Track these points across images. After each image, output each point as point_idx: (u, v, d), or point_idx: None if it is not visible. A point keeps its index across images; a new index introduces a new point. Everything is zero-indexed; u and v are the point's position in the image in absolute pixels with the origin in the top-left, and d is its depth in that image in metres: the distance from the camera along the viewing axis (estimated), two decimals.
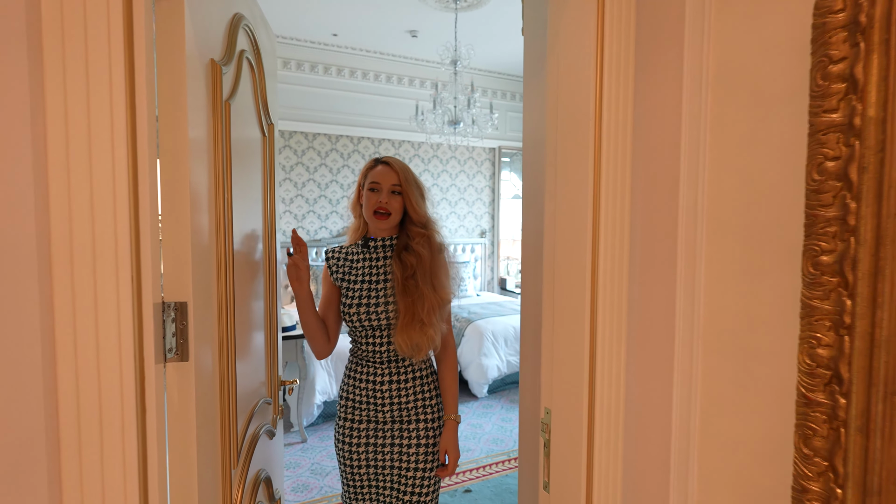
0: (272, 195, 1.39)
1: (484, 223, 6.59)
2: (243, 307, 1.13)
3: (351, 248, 1.62)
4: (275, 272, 1.42)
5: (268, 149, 1.38)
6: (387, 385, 1.48)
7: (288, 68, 5.30)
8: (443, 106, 4.17)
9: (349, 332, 1.56)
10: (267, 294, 1.37)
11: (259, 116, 1.29)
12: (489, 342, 4.33)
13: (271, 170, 1.40)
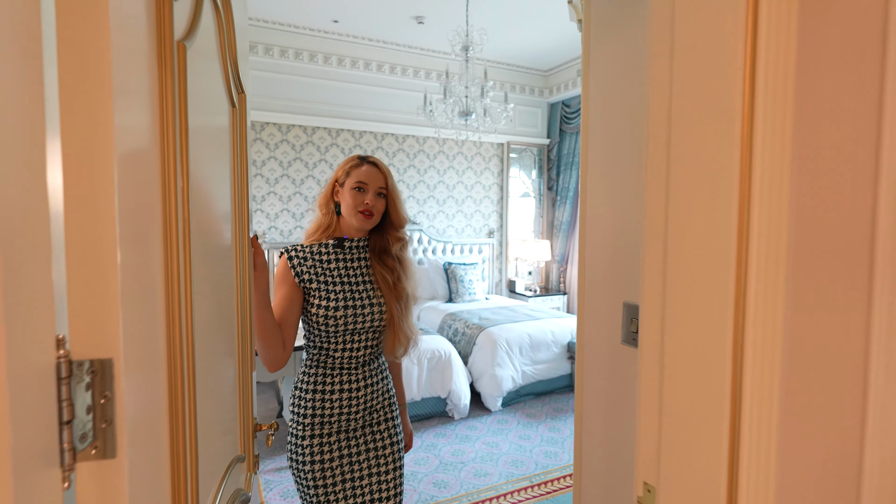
0: (244, 191, 1.07)
1: (492, 222, 6.27)
2: (206, 345, 0.79)
3: (317, 247, 1.48)
4: (248, 287, 1.10)
5: (238, 127, 1.05)
6: (362, 390, 1.44)
7: (285, 57, 4.97)
8: (454, 95, 3.84)
9: (315, 338, 1.44)
10: (239, 317, 1.05)
11: (227, 79, 0.97)
12: (503, 351, 4.01)
13: (242, 156, 1.08)
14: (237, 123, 1.05)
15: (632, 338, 0.99)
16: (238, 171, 1.06)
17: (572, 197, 6.18)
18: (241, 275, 1.07)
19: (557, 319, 4.53)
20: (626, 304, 0.99)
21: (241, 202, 1.07)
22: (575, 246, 6.29)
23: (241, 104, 1.08)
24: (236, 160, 1.04)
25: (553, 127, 6.40)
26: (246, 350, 1.11)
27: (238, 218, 1.06)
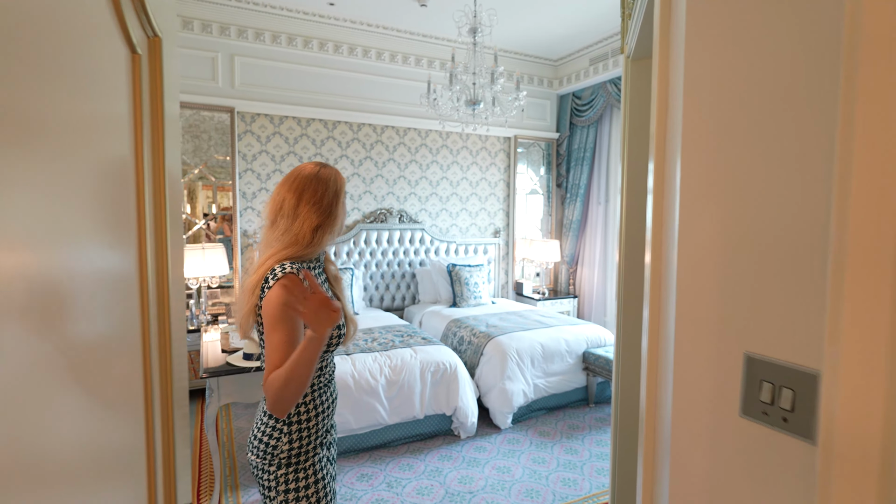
0: (159, 178, 0.72)
1: (498, 221, 5.92)
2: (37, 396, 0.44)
3: (309, 264, 1.40)
4: (165, 311, 0.76)
5: (145, 84, 0.70)
6: (336, 402, 1.49)
7: (277, 43, 4.61)
8: (460, 81, 3.48)
9: (325, 354, 1.39)
10: (148, 353, 0.71)
11: (119, 9, 0.61)
12: (513, 363, 3.67)
13: (157, 131, 0.72)
14: (141, 78, 0.69)
15: (761, 410, 0.65)
16: (147, 151, 0.70)
17: (583, 194, 5.83)
18: (153, 294, 0.72)
19: (571, 327, 4.18)
20: (752, 357, 0.64)
21: (157, 194, 0.72)
22: (587, 246, 5.94)
23: (153, 52, 0.73)
24: (140, 135, 0.69)
25: (563, 120, 6.04)
26: (166, 405, 0.77)
27: (152, 214, 0.71)
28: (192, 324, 4.13)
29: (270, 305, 1.21)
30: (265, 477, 1.34)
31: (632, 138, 1.72)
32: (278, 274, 1.24)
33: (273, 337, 1.20)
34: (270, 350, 1.21)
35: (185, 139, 4.43)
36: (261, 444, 1.32)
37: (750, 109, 0.66)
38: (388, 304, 5.23)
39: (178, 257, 0.93)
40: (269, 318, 1.21)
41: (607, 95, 5.33)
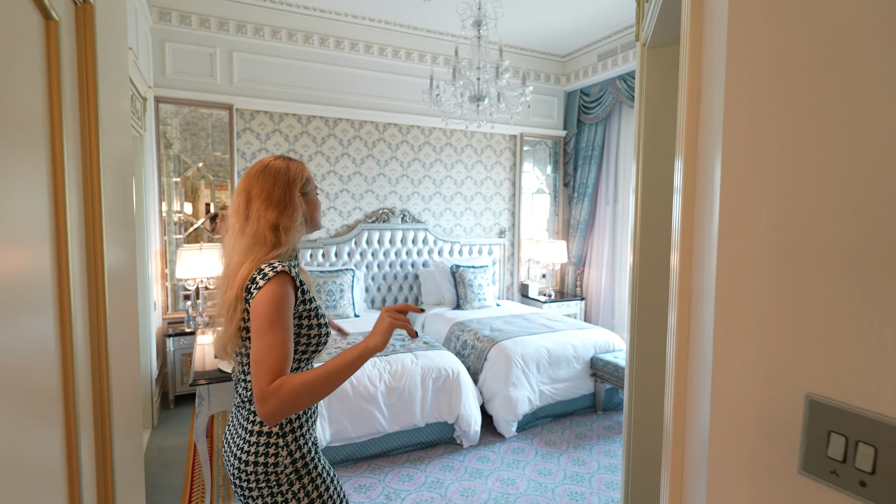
0: (93, 173, 0.60)
1: (503, 221, 5.78)
2: None
3: (291, 262, 1.28)
4: (101, 314, 0.64)
5: (63, 56, 0.58)
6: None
7: (278, 39, 4.50)
8: (463, 76, 3.35)
9: (306, 360, 1.28)
10: (67, 358, 0.59)
11: None
12: (518, 368, 3.53)
13: (90, 111, 0.60)
14: (61, 53, 0.57)
15: (830, 469, 0.51)
16: (72, 140, 0.58)
17: (591, 193, 5.68)
18: (78, 296, 0.60)
19: (578, 331, 4.04)
20: (817, 402, 0.51)
21: (88, 190, 0.60)
22: (594, 247, 5.79)
23: (82, 20, 0.60)
24: (57, 122, 0.56)
25: (570, 117, 5.89)
26: (102, 420, 0.65)
27: (79, 210, 0.59)
28: (190, 326, 4.03)
29: (263, 305, 1.10)
30: (279, 500, 1.20)
31: (647, 133, 1.59)
32: (269, 273, 1.14)
33: (267, 339, 1.08)
34: (266, 353, 1.07)
35: (183, 137, 4.33)
36: (258, 467, 1.19)
37: (818, 95, 0.53)
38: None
39: (121, 256, 0.80)
40: (263, 319, 1.10)
41: (616, 92, 5.18)
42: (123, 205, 0.79)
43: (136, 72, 3.04)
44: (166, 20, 4.12)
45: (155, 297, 3.98)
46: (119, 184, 0.73)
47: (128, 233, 0.79)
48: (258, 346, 1.08)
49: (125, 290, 0.76)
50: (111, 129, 0.69)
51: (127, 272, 0.81)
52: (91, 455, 0.66)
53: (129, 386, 0.77)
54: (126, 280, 0.78)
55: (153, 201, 3.98)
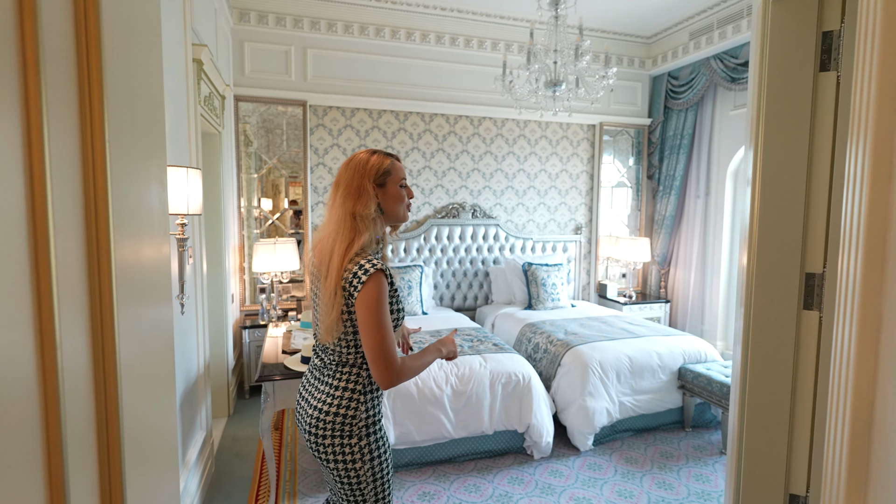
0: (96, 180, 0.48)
1: (579, 217, 5.43)
2: None
3: (377, 255, 1.47)
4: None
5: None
6: None
7: (349, 33, 4.48)
8: (539, 60, 3.10)
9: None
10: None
11: None
12: (596, 377, 3.25)
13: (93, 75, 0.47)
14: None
15: None
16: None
17: (678, 186, 5.19)
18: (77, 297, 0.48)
19: (665, 338, 3.66)
20: None
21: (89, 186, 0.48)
22: (682, 244, 5.29)
23: None
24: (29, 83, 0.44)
25: (656, 104, 5.41)
26: (108, 463, 0.53)
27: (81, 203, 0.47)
28: (264, 319, 4.13)
29: (372, 302, 1.30)
30: (346, 451, 1.38)
31: (772, 110, 1.29)
32: (369, 269, 1.31)
33: (379, 336, 1.30)
34: (380, 346, 1.30)
35: (258, 134, 4.44)
36: (338, 417, 1.37)
37: None
38: (458, 304, 4.97)
39: (145, 252, 0.69)
40: (372, 318, 1.30)
41: (711, 73, 4.66)
42: (135, 194, 0.68)
43: (214, 70, 3.11)
44: (245, 20, 4.24)
45: (232, 290, 4.12)
46: (152, 149, 0.62)
47: (158, 226, 0.69)
48: (372, 340, 1.30)
49: (151, 295, 0.66)
50: (124, 70, 0.58)
51: (158, 270, 0.71)
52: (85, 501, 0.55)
53: (156, 412, 0.66)
54: (157, 278, 0.68)
55: (232, 197, 4.11)
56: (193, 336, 2.58)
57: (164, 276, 0.92)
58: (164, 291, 0.92)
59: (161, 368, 0.92)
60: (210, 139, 3.50)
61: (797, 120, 1.27)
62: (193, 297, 2.61)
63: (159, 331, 0.88)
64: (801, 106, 1.29)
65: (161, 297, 0.89)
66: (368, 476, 1.40)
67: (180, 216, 1.96)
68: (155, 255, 0.85)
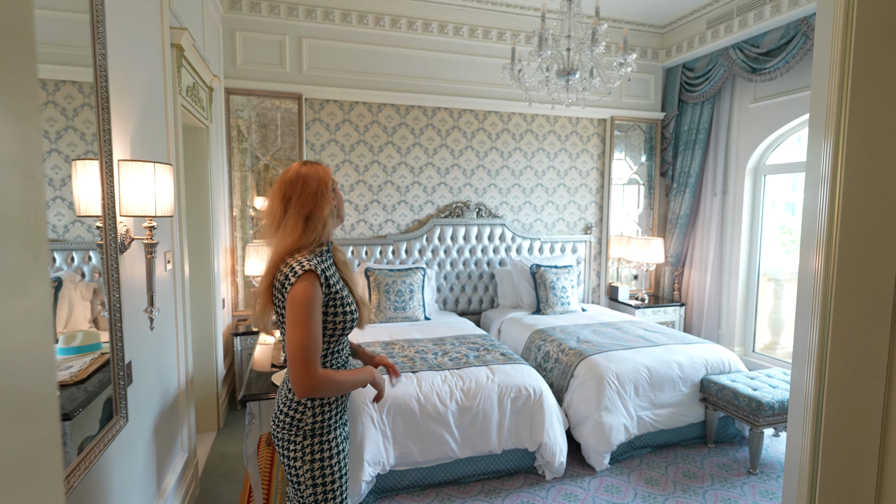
0: None
1: (589, 216, 5.18)
2: None
3: (318, 257, 1.44)
4: None
5: None
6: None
7: (348, 22, 4.23)
8: (550, 47, 2.85)
9: (335, 341, 1.47)
10: None
11: None
12: (612, 390, 3.00)
13: None
14: None
15: None
16: None
17: (693, 184, 4.93)
18: None
19: (685, 346, 3.41)
20: None
21: None
22: (697, 245, 5.03)
23: None
24: None
25: (670, 97, 5.15)
26: None
27: None
28: None
29: (297, 302, 1.31)
30: (291, 448, 1.45)
31: (860, 88, 1.04)
32: (298, 271, 1.33)
33: (297, 336, 1.31)
34: (297, 348, 1.31)
35: (252, 130, 4.20)
36: (286, 418, 1.44)
37: None
38: (463, 308, 4.72)
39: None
40: (296, 315, 1.31)
41: (729, 64, 4.40)
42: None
43: (198, 58, 2.86)
44: (237, 8, 3.99)
45: (224, 295, 3.88)
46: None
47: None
48: (290, 341, 1.31)
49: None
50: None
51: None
52: None
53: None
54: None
55: (222, 196, 3.87)
56: (172, 350, 2.35)
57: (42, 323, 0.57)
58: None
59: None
60: (195, 133, 3.26)
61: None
62: (172, 306, 2.37)
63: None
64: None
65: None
66: (307, 478, 1.45)
67: (147, 218, 1.72)
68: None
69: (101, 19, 1.47)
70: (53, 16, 1.42)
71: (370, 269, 4.09)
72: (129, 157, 1.75)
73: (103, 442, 1.49)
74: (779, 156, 4.51)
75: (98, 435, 1.48)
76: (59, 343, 1.48)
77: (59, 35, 1.41)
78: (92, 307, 1.58)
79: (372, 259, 4.46)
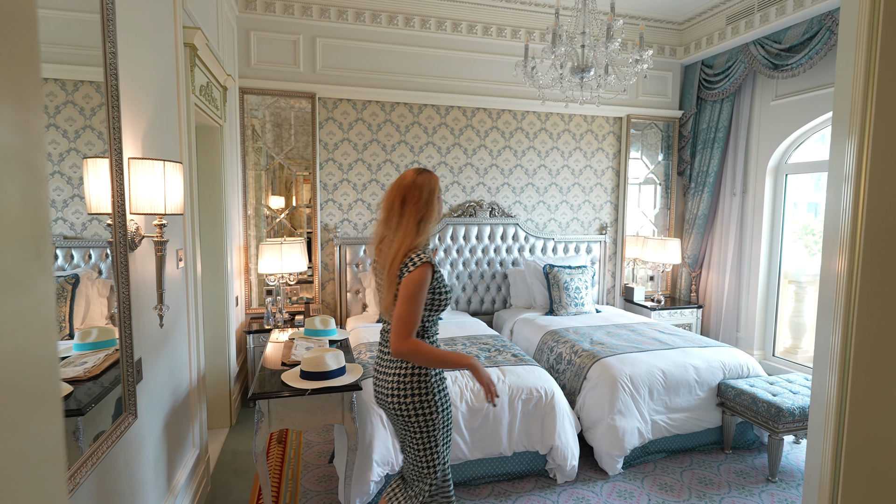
0: None
1: (604, 216, 5.11)
2: None
3: (430, 251, 1.93)
4: None
5: None
6: None
7: (361, 21, 4.23)
8: (564, 43, 2.80)
9: (433, 315, 1.75)
10: None
11: None
12: (626, 393, 2.95)
13: None
14: None
15: None
16: None
17: (712, 183, 4.82)
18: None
19: (702, 349, 3.34)
20: None
21: None
22: (715, 245, 4.92)
23: None
24: None
25: (688, 95, 5.05)
26: None
27: None
28: (269, 323, 3.92)
29: (413, 283, 1.61)
30: (424, 406, 1.71)
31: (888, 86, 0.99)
32: (416, 262, 1.64)
33: (410, 306, 1.61)
34: (407, 315, 1.61)
35: (266, 129, 4.23)
36: (414, 378, 1.71)
37: None
38: (475, 308, 4.69)
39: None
40: (409, 292, 1.61)
41: (750, 60, 4.29)
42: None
43: (212, 57, 2.88)
44: (251, 8, 4.02)
45: (237, 293, 3.91)
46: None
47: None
48: (400, 311, 1.62)
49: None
50: None
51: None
52: None
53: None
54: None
55: (235, 194, 3.90)
56: (183, 347, 2.36)
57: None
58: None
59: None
60: (209, 133, 3.28)
61: None
62: (184, 303, 2.39)
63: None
64: None
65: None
66: (440, 424, 1.74)
67: (157, 216, 1.73)
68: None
69: (112, 17, 1.47)
70: (69, 17, 1.43)
71: None
72: (140, 156, 1.76)
73: (111, 438, 1.50)
74: (801, 155, 4.39)
75: (107, 431, 1.49)
76: (75, 339, 1.49)
77: (75, 35, 1.43)
78: (109, 304, 1.59)
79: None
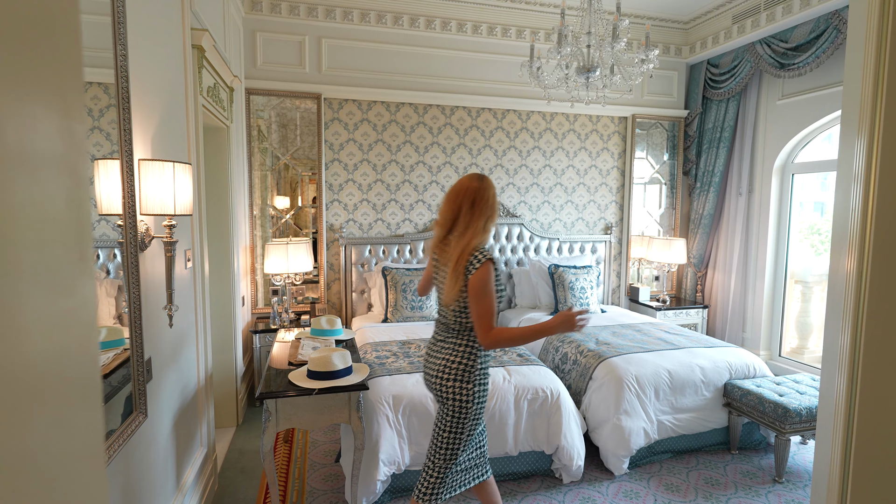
0: None
1: (609, 216, 5.10)
2: None
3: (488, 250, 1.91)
4: None
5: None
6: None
7: (366, 21, 4.24)
8: (570, 43, 2.81)
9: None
10: None
11: None
12: (632, 393, 2.95)
13: None
14: None
15: None
16: None
17: (718, 183, 4.81)
18: None
19: (708, 350, 3.33)
20: None
21: None
22: (721, 245, 4.91)
23: None
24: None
25: (693, 94, 5.04)
26: None
27: None
28: (275, 323, 3.94)
29: (480, 281, 1.76)
30: (463, 392, 1.86)
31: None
32: (481, 259, 1.78)
33: (483, 304, 1.77)
34: (483, 311, 1.77)
35: (272, 129, 4.25)
36: (460, 366, 1.87)
37: None
38: None
39: None
40: (479, 290, 1.76)
41: (756, 60, 4.28)
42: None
43: (219, 58, 2.90)
44: (257, 9, 4.04)
45: (243, 293, 3.93)
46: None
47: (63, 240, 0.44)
48: (477, 308, 1.78)
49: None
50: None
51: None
52: None
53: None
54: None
55: (242, 195, 3.92)
56: (192, 347, 2.38)
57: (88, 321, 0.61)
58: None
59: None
60: (216, 133, 3.30)
61: None
62: (192, 304, 2.40)
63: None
64: None
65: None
66: (472, 414, 1.87)
67: (167, 217, 1.75)
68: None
69: (122, 20, 1.49)
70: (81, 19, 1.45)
71: (387, 269, 4.10)
72: (149, 157, 1.77)
73: (122, 437, 1.52)
74: (808, 154, 4.38)
75: (117, 430, 1.51)
76: None
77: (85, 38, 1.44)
78: (116, 304, 1.61)
79: (389, 258, 4.46)
